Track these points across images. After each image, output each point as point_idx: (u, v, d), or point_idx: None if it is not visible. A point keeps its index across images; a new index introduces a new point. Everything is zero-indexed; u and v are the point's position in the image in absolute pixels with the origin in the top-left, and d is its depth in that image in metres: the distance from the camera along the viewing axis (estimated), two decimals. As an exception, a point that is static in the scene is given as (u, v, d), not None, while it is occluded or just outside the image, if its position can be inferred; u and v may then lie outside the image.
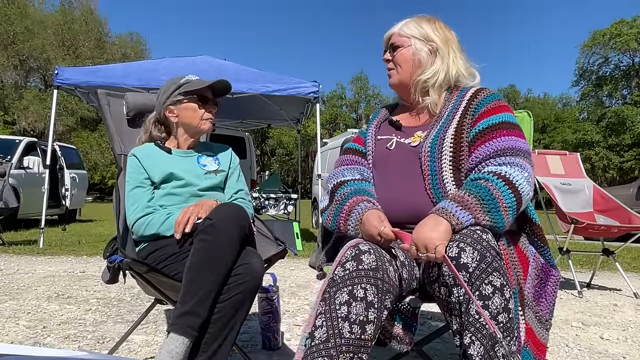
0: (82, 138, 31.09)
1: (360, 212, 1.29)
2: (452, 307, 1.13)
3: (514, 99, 51.27)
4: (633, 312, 3.05)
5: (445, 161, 1.34)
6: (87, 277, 3.81)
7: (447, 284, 1.13)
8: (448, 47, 1.46)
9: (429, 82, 1.45)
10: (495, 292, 1.08)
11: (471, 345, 1.08)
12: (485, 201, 1.17)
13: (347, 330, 1.07)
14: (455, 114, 1.41)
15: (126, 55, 33.48)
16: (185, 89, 1.75)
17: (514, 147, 1.28)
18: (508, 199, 1.19)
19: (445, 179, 1.33)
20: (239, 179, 1.86)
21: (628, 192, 8.38)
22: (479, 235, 1.12)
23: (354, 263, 1.13)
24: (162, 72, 5.84)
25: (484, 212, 1.16)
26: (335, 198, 1.40)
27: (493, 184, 1.19)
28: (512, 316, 1.11)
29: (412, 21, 1.50)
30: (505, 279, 1.11)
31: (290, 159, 47.92)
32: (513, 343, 1.10)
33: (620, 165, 33.52)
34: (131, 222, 1.63)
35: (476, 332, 1.08)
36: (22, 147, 8.49)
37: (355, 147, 1.56)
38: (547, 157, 4.17)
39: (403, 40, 1.47)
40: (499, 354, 1.07)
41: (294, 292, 3.36)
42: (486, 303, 1.08)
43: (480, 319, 1.08)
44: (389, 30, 1.53)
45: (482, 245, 1.10)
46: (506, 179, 1.20)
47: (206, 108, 1.77)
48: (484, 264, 1.09)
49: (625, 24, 33.47)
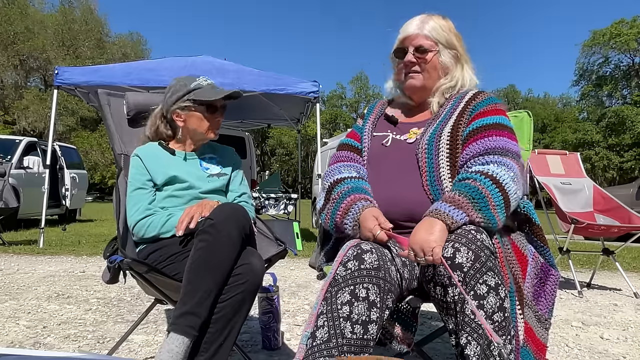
0: (82, 138, 31.08)
1: (357, 212, 1.28)
2: (447, 306, 1.14)
3: (514, 99, 51.29)
4: (633, 312, 3.05)
5: (442, 158, 1.34)
6: (87, 277, 3.81)
7: (443, 283, 1.13)
8: (464, 52, 1.47)
9: (449, 89, 1.46)
10: (490, 291, 1.09)
11: (468, 346, 1.08)
12: (476, 200, 1.18)
13: (349, 330, 1.07)
14: (452, 113, 1.42)
15: (126, 55, 33.45)
16: (196, 96, 1.68)
17: (503, 147, 1.29)
18: (496, 198, 1.20)
19: (443, 176, 1.33)
20: (242, 183, 1.85)
21: (628, 191, 8.38)
22: (473, 235, 1.13)
23: (355, 262, 1.13)
24: (163, 72, 5.84)
25: (476, 210, 1.17)
26: (332, 197, 1.39)
27: (481, 183, 1.20)
28: (508, 315, 1.12)
29: (431, 20, 1.44)
30: (499, 278, 1.11)
31: (290, 158, 47.92)
32: (509, 342, 1.11)
33: (620, 165, 33.52)
34: (132, 224, 1.63)
35: (472, 332, 1.08)
36: (22, 147, 8.49)
37: (351, 143, 1.55)
38: (547, 156, 4.17)
39: (430, 44, 1.43)
40: (495, 353, 1.07)
41: (294, 292, 3.36)
42: (481, 302, 1.08)
43: (475, 319, 1.08)
44: (406, 28, 1.46)
45: (477, 245, 1.11)
46: (493, 178, 1.21)
47: (214, 117, 1.73)
48: (479, 264, 1.09)
49: (625, 24, 33.47)
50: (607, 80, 35.96)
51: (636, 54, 34.60)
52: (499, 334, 1.09)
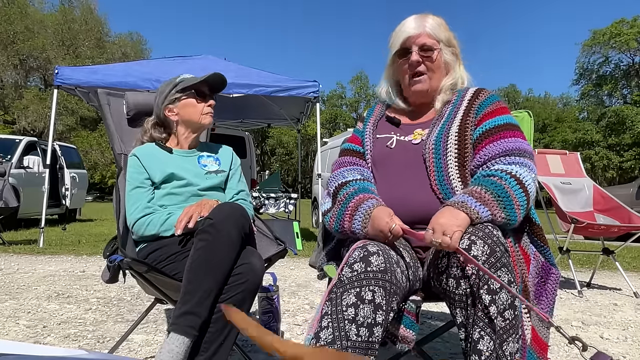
0: (82, 137, 31.07)
1: (369, 208, 1.26)
2: (458, 299, 1.14)
3: (514, 99, 51.30)
4: (633, 312, 3.05)
5: (450, 158, 1.35)
6: (87, 276, 3.81)
7: (455, 275, 1.13)
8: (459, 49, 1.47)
9: (450, 87, 1.46)
10: (503, 288, 1.09)
11: (480, 340, 1.09)
12: (501, 198, 1.19)
13: (354, 333, 1.06)
14: (456, 112, 1.42)
15: (126, 54, 33.46)
16: (182, 85, 1.76)
17: (521, 148, 1.32)
18: (520, 197, 1.22)
19: (451, 175, 1.34)
20: (240, 180, 1.86)
21: (628, 191, 8.38)
22: (489, 231, 1.14)
23: (362, 264, 1.12)
24: (162, 71, 5.83)
25: (500, 208, 1.19)
26: (339, 199, 1.38)
27: (506, 182, 1.22)
28: (518, 313, 1.12)
29: (429, 19, 1.43)
30: (512, 275, 1.12)
31: (290, 158, 47.92)
32: (517, 340, 1.11)
33: (620, 165, 33.52)
34: (131, 222, 1.63)
35: (485, 327, 1.08)
36: (22, 146, 8.48)
37: (353, 148, 1.53)
38: (547, 156, 4.17)
39: (433, 42, 1.41)
40: (507, 352, 1.07)
41: (294, 292, 3.36)
42: (493, 298, 1.09)
43: (489, 314, 1.08)
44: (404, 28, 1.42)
45: (493, 240, 1.12)
46: (517, 178, 1.23)
47: (205, 102, 1.78)
48: (493, 258, 1.10)
49: (626, 24, 33.46)
50: (607, 79, 35.97)
51: (636, 54, 34.59)
52: (510, 332, 1.09)
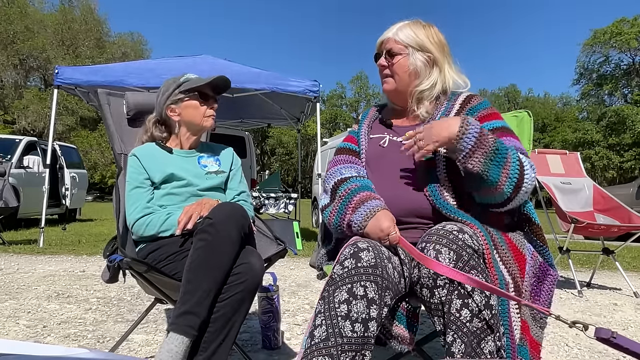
0: (82, 137, 31.08)
1: (376, 207, 1.26)
2: (434, 307, 1.15)
3: (514, 99, 51.32)
4: (633, 312, 3.05)
5: (439, 159, 1.36)
6: (87, 276, 3.81)
7: (428, 285, 1.14)
8: (443, 56, 1.47)
9: (426, 92, 1.46)
10: (475, 289, 1.10)
11: (453, 344, 1.10)
12: (499, 151, 1.23)
13: (349, 329, 1.06)
14: (448, 114, 1.44)
15: (126, 54, 33.46)
16: (186, 87, 1.74)
17: (522, 150, 1.34)
18: (513, 170, 1.24)
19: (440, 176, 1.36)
20: (240, 181, 1.86)
21: (628, 191, 8.37)
22: (454, 236, 1.15)
23: (352, 261, 1.13)
24: (162, 71, 5.82)
25: (489, 156, 1.22)
26: (339, 194, 1.38)
27: (511, 152, 1.26)
28: (496, 312, 1.13)
29: (407, 27, 1.47)
30: (484, 275, 1.13)
31: (290, 158, 47.92)
32: (498, 339, 1.11)
33: (620, 165, 33.52)
34: (131, 222, 1.63)
35: (457, 331, 1.10)
36: (22, 146, 8.48)
37: (349, 147, 1.56)
38: (547, 156, 4.17)
39: (399, 47, 1.45)
40: (486, 351, 1.08)
41: (294, 292, 3.36)
42: (466, 301, 1.10)
43: (460, 317, 1.09)
44: (384, 33, 1.50)
45: (458, 245, 1.13)
46: (520, 160, 1.26)
47: (207, 105, 1.77)
48: (461, 263, 1.11)
49: (626, 23, 33.46)
50: (608, 79, 35.96)
51: (637, 53, 34.59)
52: (487, 331, 1.10)
